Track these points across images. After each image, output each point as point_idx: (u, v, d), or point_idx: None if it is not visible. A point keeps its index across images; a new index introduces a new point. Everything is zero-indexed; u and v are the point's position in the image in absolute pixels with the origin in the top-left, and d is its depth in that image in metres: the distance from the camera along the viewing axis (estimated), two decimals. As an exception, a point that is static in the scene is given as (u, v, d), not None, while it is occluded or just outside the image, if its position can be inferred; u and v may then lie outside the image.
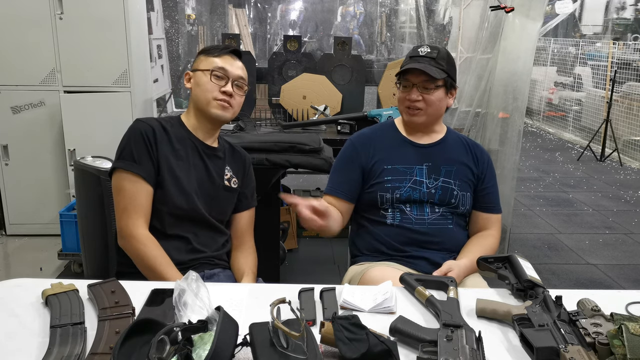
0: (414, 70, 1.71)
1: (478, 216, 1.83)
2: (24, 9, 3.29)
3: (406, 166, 1.76)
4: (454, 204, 1.76)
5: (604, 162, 6.44)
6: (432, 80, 1.71)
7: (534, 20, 3.02)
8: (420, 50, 1.75)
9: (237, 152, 1.82)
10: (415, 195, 1.73)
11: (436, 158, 1.78)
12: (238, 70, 1.68)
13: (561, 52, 8.71)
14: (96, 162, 2.22)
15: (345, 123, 3.19)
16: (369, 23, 10.43)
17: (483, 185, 1.82)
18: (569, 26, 11.37)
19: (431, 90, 1.72)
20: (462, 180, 1.77)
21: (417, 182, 1.74)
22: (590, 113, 7.49)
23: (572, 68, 8.37)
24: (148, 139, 1.59)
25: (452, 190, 1.75)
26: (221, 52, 1.67)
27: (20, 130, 3.45)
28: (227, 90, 1.64)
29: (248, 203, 1.82)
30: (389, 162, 1.77)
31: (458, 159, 1.80)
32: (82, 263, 2.49)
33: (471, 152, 1.83)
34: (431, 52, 1.73)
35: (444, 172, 1.77)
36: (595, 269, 3.51)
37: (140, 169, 1.57)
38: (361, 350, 1.01)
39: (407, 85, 1.75)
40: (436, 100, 1.74)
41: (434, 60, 1.71)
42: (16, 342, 1.10)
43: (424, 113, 1.75)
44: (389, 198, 1.74)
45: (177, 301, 1.15)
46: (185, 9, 8.39)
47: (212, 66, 1.65)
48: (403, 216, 1.74)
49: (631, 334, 1.02)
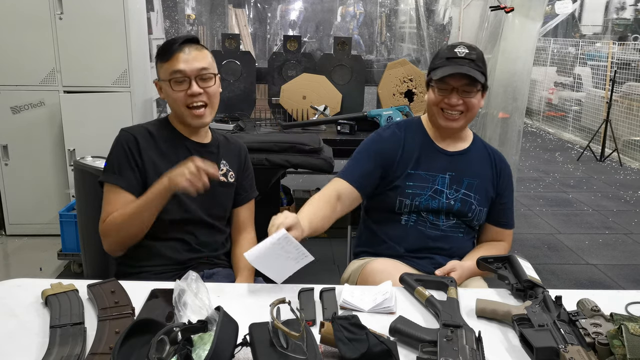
0: (457, 73, 1.60)
1: (491, 229, 1.80)
2: (24, 9, 3.28)
3: (430, 173, 1.70)
4: (470, 217, 1.71)
5: (604, 162, 6.44)
6: (474, 84, 1.62)
7: (534, 21, 3.02)
8: (458, 50, 1.63)
9: (231, 143, 1.78)
10: (434, 204, 1.68)
11: (460, 168, 1.71)
12: (196, 63, 1.56)
13: (561, 52, 8.71)
14: (96, 162, 2.23)
15: (345, 123, 3.19)
16: (368, 23, 10.43)
17: (501, 200, 1.77)
18: (569, 26, 11.37)
19: (472, 93, 1.63)
20: (482, 195, 1.72)
21: (437, 192, 1.68)
22: (590, 113, 7.49)
23: (572, 68, 8.37)
24: (130, 149, 1.57)
25: (471, 204, 1.70)
26: (171, 54, 1.56)
27: (20, 130, 3.45)
28: (193, 92, 1.56)
29: (247, 196, 1.79)
30: (413, 167, 1.70)
31: (482, 172, 1.74)
32: (82, 263, 2.50)
33: (495, 167, 1.77)
34: (470, 54, 1.62)
35: (465, 184, 1.71)
36: (595, 269, 3.52)
37: (120, 180, 1.56)
38: (361, 350, 1.01)
39: (445, 88, 1.63)
40: (477, 104, 1.66)
41: (474, 63, 1.61)
42: (16, 342, 1.10)
43: (464, 117, 1.66)
44: (408, 204, 1.68)
45: (177, 301, 1.15)
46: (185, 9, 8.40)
47: (168, 73, 1.57)
48: (419, 219, 1.70)
49: (631, 334, 1.02)
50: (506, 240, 1.80)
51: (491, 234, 1.80)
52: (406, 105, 3.33)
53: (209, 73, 1.59)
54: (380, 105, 3.53)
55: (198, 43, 1.62)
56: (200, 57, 1.58)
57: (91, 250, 2.08)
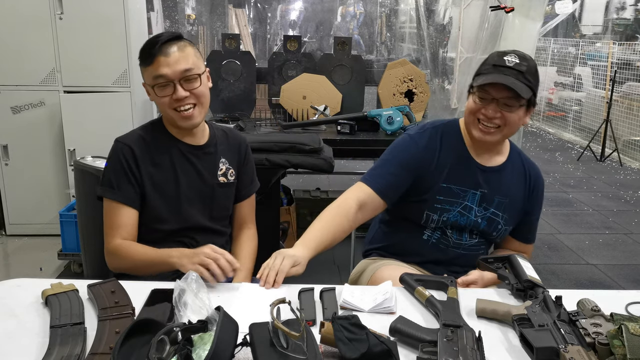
0: (498, 84, 1.48)
1: (512, 242, 1.73)
2: (24, 9, 3.28)
3: (462, 188, 1.60)
4: (494, 236, 1.66)
5: (604, 162, 6.43)
6: (517, 99, 1.48)
7: (534, 20, 3.02)
8: (507, 59, 1.50)
9: (231, 137, 1.72)
10: (462, 221, 1.60)
11: (493, 186, 1.61)
12: (178, 65, 1.47)
13: (561, 52, 8.71)
14: (96, 162, 2.23)
15: (345, 123, 3.19)
16: (369, 23, 10.43)
17: (529, 217, 1.70)
18: (569, 26, 11.37)
19: (513, 108, 1.50)
20: (510, 214, 1.64)
21: (466, 208, 1.60)
22: (590, 113, 7.49)
23: (572, 68, 8.36)
24: (127, 162, 1.53)
25: (498, 223, 1.63)
26: (152, 57, 1.47)
27: (20, 130, 3.45)
28: (178, 97, 1.48)
29: (247, 191, 1.75)
30: (446, 180, 1.59)
31: (514, 191, 1.64)
32: (82, 263, 2.50)
33: (529, 184, 1.67)
34: (519, 65, 1.49)
35: (496, 202, 1.62)
36: (595, 269, 3.51)
37: (118, 195, 1.53)
38: (361, 350, 1.01)
39: (485, 98, 1.51)
40: (517, 119, 1.52)
41: (522, 75, 1.48)
42: (16, 342, 1.10)
43: (500, 132, 1.54)
44: (435, 219, 1.60)
45: (177, 301, 1.15)
46: (185, 9, 8.39)
47: (151, 79, 1.49)
48: (442, 237, 1.63)
49: (631, 334, 1.02)
50: (527, 253, 1.71)
51: (512, 246, 1.73)
52: (406, 105, 3.33)
53: (193, 74, 1.50)
54: (380, 105, 3.52)
55: (180, 39, 1.51)
56: (182, 58, 1.48)
57: (91, 250, 2.09)
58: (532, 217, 1.71)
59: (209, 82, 1.58)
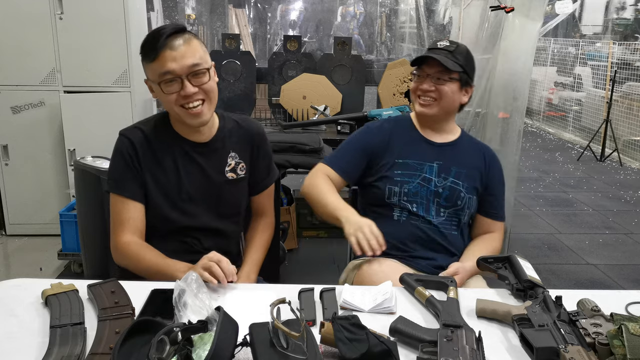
0: (429, 60, 1.71)
1: (482, 221, 1.82)
2: (24, 9, 3.28)
3: (417, 162, 1.75)
4: (460, 205, 1.74)
5: (604, 162, 6.43)
6: (447, 72, 1.70)
7: (534, 21, 3.02)
8: (439, 43, 1.76)
9: (243, 128, 1.62)
10: (422, 191, 1.72)
11: (448, 157, 1.77)
12: (186, 60, 1.40)
13: (561, 52, 8.71)
14: (96, 162, 2.23)
15: (345, 123, 3.19)
16: (369, 23, 10.43)
17: (491, 192, 1.81)
18: (569, 26, 11.36)
19: (445, 81, 1.71)
20: (470, 183, 1.76)
21: (426, 179, 1.73)
22: (590, 113, 7.49)
23: (572, 68, 8.37)
24: (130, 156, 1.50)
25: (460, 192, 1.74)
26: (157, 52, 1.40)
27: (20, 130, 3.45)
28: (187, 94, 1.42)
29: (264, 184, 1.69)
30: (401, 156, 1.75)
31: (470, 162, 1.78)
32: (82, 263, 2.50)
33: (485, 159, 1.81)
34: (449, 46, 1.73)
35: (454, 172, 1.75)
36: (595, 269, 3.51)
37: (124, 190, 1.51)
38: (361, 351, 1.01)
39: (421, 74, 1.75)
40: (449, 92, 1.72)
41: (450, 54, 1.71)
42: (16, 342, 1.10)
43: (437, 105, 1.74)
44: (397, 192, 1.72)
45: (177, 301, 1.15)
46: (185, 9, 8.40)
47: (157, 75, 1.42)
48: (410, 215, 1.73)
49: (631, 334, 1.02)
50: (497, 231, 1.82)
51: (482, 226, 1.82)
52: (406, 105, 3.33)
53: (202, 69, 1.43)
54: (380, 105, 3.53)
55: (185, 31, 1.44)
56: (189, 51, 1.41)
57: (91, 250, 2.09)
58: (494, 191, 1.82)
59: (215, 77, 1.51)
